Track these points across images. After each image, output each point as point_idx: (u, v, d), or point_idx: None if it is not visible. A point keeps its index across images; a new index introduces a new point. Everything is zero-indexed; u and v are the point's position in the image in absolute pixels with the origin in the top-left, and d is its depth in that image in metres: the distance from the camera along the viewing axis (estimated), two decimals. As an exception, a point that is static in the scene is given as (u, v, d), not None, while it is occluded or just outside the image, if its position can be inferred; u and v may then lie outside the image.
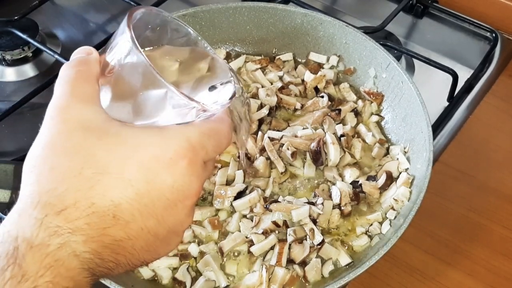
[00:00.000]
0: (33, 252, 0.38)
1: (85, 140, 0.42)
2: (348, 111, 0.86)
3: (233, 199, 0.75)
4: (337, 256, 0.71)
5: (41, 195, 0.41)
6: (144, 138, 0.44)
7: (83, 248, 0.40)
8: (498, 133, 0.94)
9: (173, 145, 0.44)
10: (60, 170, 0.41)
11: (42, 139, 0.43)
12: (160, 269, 0.71)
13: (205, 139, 0.46)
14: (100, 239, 0.41)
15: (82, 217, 0.40)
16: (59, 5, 1.21)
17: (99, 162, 0.42)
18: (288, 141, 0.80)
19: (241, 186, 0.76)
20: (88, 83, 0.45)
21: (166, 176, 0.43)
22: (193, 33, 0.51)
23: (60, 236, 0.39)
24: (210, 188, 0.77)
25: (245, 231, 0.73)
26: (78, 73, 0.46)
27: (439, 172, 0.85)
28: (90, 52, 0.48)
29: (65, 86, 0.45)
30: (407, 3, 1.12)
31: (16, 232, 0.39)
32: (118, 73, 0.46)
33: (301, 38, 0.92)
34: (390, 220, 0.73)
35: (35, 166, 0.42)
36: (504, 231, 0.81)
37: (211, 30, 0.92)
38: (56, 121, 0.44)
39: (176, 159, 0.44)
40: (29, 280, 0.37)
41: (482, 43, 1.12)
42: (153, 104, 0.45)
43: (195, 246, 0.72)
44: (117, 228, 0.42)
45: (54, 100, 0.45)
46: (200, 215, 0.75)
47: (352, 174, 0.78)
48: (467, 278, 0.76)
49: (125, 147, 0.43)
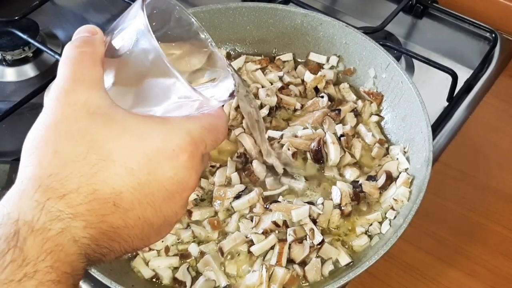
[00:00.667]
0: (34, 236, 0.38)
1: (91, 125, 0.42)
2: (348, 111, 0.86)
3: (232, 200, 0.75)
4: (337, 256, 0.71)
5: (43, 178, 0.40)
6: (148, 128, 0.44)
7: (82, 233, 0.40)
8: (498, 133, 0.94)
9: (176, 138, 0.44)
10: (64, 154, 0.41)
11: (45, 121, 0.43)
12: (160, 269, 0.71)
13: (205, 134, 0.46)
14: (99, 226, 0.41)
15: (84, 203, 0.40)
16: (59, 5, 1.21)
17: (103, 149, 0.42)
18: (289, 141, 0.80)
19: (240, 187, 0.76)
20: (94, 66, 0.45)
21: (167, 168, 0.44)
22: (195, 24, 0.50)
23: (61, 221, 0.39)
24: (210, 188, 0.77)
25: (245, 231, 0.73)
26: (84, 55, 0.45)
27: (439, 172, 0.85)
28: (95, 32, 0.47)
29: (71, 68, 0.44)
30: (407, 3, 1.12)
31: (17, 214, 0.39)
32: (125, 57, 0.45)
33: (301, 38, 0.93)
34: (390, 220, 0.73)
35: (37, 148, 0.42)
36: (504, 231, 0.81)
37: (211, 30, 0.92)
38: (62, 104, 0.43)
39: (178, 152, 0.44)
40: (29, 265, 0.37)
41: (481, 43, 1.12)
42: (158, 93, 0.45)
43: (195, 246, 0.72)
44: (116, 216, 0.42)
45: (59, 81, 0.44)
46: (200, 215, 0.75)
47: (352, 174, 0.78)
48: (467, 278, 0.76)
49: (130, 136, 0.43)
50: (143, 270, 0.71)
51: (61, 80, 0.44)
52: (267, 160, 0.76)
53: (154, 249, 0.72)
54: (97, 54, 0.46)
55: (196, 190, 0.76)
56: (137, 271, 0.71)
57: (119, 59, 0.45)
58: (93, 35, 0.47)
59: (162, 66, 0.42)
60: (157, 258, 0.72)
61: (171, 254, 0.72)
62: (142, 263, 0.71)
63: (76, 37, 0.48)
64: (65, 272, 0.39)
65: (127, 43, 0.44)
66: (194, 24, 0.50)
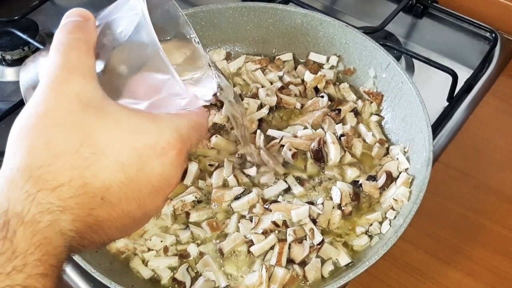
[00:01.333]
0: (24, 228, 0.38)
1: (84, 117, 0.42)
2: (348, 111, 0.86)
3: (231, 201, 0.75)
4: (337, 256, 0.71)
5: (33, 169, 0.40)
6: (140, 124, 0.44)
7: (69, 226, 0.40)
8: (498, 133, 0.94)
9: (166, 135, 0.45)
10: (56, 146, 0.40)
11: (36, 109, 0.42)
12: (159, 269, 0.71)
13: (192, 132, 0.47)
14: (85, 219, 0.41)
15: (74, 196, 0.40)
16: (59, 5, 1.20)
17: (96, 142, 0.41)
18: (289, 142, 0.80)
19: (239, 190, 0.76)
20: (87, 55, 0.44)
21: (156, 164, 0.44)
22: (182, 18, 0.49)
23: (51, 214, 0.39)
24: (208, 189, 0.77)
25: (245, 232, 0.73)
26: (77, 42, 0.44)
27: (439, 172, 0.85)
28: (87, 17, 0.46)
29: (64, 56, 0.43)
30: (407, 3, 1.12)
31: (6, 205, 0.38)
32: (119, 48, 0.44)
33: (301, 38, 0.92)
34: (390, 220, 0.73)
35: (26, 137, 0.41)
36: (504, 231, 0.81)
37: (211, 30, 0.92)
38: (55, 93, 0.42)
39: (167, 149, 0.45)
40: (18, 257, 0.37)
41: (482, 43, 1.12)
42: (148, 87, 0.44)
43: (194, 247, 0.72)
44: (103, 210, 0.42)
45: (52, 69, 0.43)
46: (198, 216, 0.75)
47: (352, 173, 0.78)
48: (467, 278, 0.76)
49: (122, 131, 0.43)
50: (142, 270, 0.71)
51: (54, 68, 0.43)
52: (251, 160, 0.77)
53: (154, 249, 0.72)
54: (90, 41, 0.45)
55: (195, 191, 0.76)
56: (136, 271, 0.71)
57: (110, 48, 0.44)
58: (86, 21, 0.46)
59: (158, 61, 0.42)
60: (156, 258, 0.72)
61: (170, 254, 0.72)
62: (141, 263, 0.71)
63: (67, 20, 0.46)
64: (52, 264, 0.39)
65: (122, 34, 0.43)
66: (181, 19, 0.49)
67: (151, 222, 0.74)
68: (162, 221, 0.75)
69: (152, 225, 0.74)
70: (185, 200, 0.75)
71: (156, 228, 0.74)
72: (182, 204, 0.75)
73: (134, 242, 0.73)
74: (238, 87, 0.90)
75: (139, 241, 0.73)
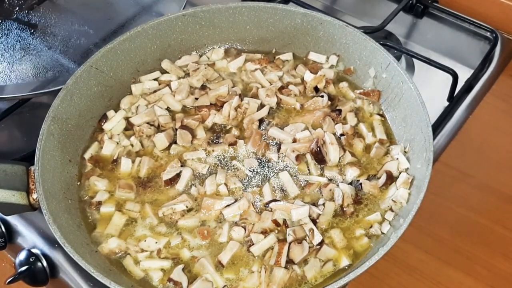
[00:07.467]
0: None
1: None
2: (348, 111, 0.86)
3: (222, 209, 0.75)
4: (337, 258, 0.71)
5: None
6: None
7: None
8: (498, 133, 0.94)
9: None
10: None
11: None
12: (151, 270, 0.71)
13: None
14: None
15: None
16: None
17: None
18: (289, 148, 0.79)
19: (229, 201, 0.75)
20: None
21: None
22: None
23: None
24: (198, 196, 0.76)
25: (239, 237, 0.72)
26: None
27: (439, 172, 0.85)
28: None
29: None
30: (407, 3, 1.12)
31: None
32: None
33: (301, 38, 0.92)
34: (389, 221, 0.73)
35: None
36: (504, 231, 0.81)
37: (211, 30, 0.92)
38: None
39: None
40: None
41: (482, 43, 1.12)
42: None
43: (187, 251, 0.72)
44: None
45: None
46: (187, 223, 0.74)
47: (352, 173, 0.78)
48: (467, 278, 0.76)
49: None
50: (134, 270, 0.71)
51: None
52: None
53: (147, 251, 0.72)
54: None
55: (186, 200, 0.75)
56: (129, 271, 0.71)
57: None
58: None
59: None
60: (148, 259, 0.71)
61: (163, 256, 0.72)
62: (133, 263, 0.71)
63: None
64: None
65: None
66: None
67: (139, 224, 0.74)
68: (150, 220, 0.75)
69: (142, 227, 0.74)
70: (175, 208, 0.74)
71: (146, 230, 0.74)
72: (172, 212, 0.74)
73: (127, 243, 0.72)
74: (238, 87, 0.90)
75: (131, 242, 0.72)
